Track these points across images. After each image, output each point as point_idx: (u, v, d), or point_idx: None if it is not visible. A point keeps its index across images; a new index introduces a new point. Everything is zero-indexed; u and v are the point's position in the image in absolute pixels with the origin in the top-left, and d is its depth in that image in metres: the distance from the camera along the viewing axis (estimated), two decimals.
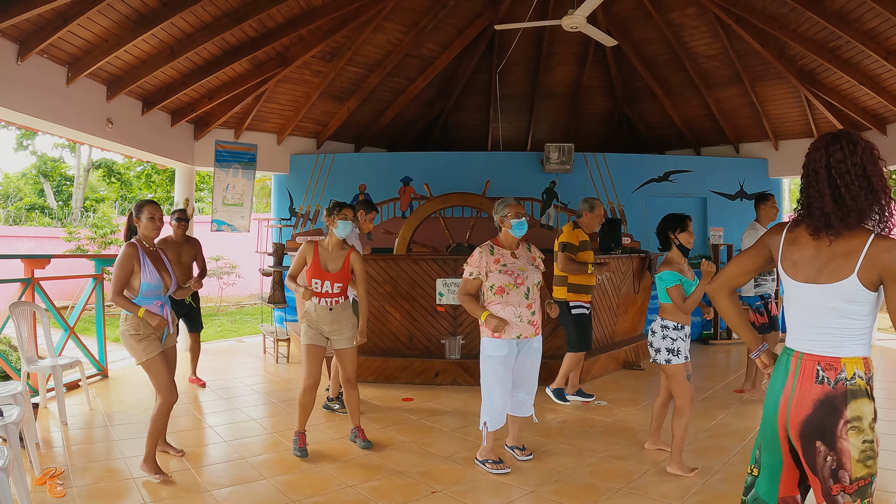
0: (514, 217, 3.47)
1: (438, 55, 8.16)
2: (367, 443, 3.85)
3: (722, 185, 8.54)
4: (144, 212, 3.44)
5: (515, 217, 3.47)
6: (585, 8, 5.19)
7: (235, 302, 13.95)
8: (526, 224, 3.52)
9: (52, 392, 4.59)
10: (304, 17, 6.43)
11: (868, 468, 1.65)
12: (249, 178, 8.18)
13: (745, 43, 7.12)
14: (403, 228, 6.94)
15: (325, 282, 3.71)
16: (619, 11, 7.55)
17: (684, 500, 3.05)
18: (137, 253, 3.32)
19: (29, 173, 21.05)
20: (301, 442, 3.74)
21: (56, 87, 5.30)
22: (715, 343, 8.03)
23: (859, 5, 5.59)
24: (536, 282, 3.52)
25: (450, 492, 3.20)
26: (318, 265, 3.74)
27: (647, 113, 9.33)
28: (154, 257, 3.44)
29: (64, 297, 9.19)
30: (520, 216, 3.49)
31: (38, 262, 5.18)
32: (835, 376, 1.69)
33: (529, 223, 3.65)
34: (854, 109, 7.16)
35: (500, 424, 3.54)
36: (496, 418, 3.51)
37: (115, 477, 3.31)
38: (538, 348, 3.59)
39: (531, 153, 8.82)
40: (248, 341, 8.44)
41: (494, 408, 3.50)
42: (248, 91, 7.30)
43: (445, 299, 5.70)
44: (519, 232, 3.50)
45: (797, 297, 1.79)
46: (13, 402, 3.22)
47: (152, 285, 3.32)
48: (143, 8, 5.17)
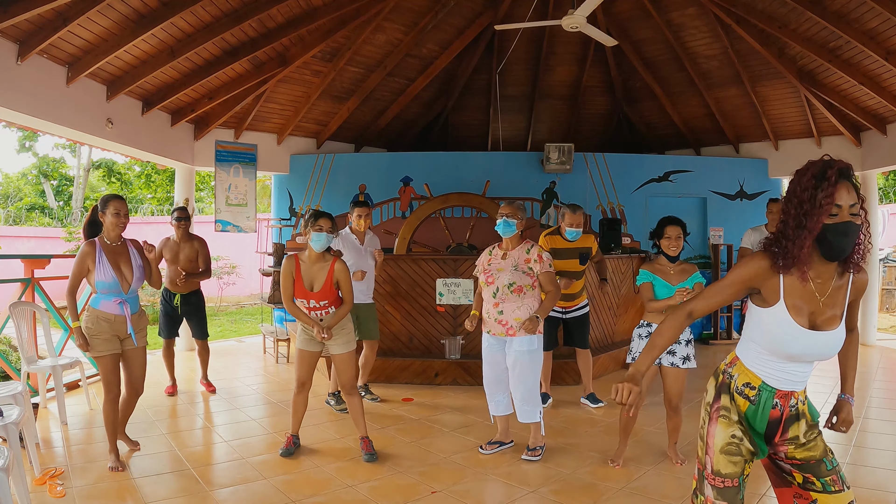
0: (498, 217, 3.67)
1: (438, 55, 8.16)
2: (371, 455, 3.63)
3: (722, 185, 8.54)
4: (110, 207, 3.40)
5: (497, 217, 3.68)
6: (585, 8, 5.19)
7: (235, 302, 13.96)
8: (504, 224, 3.64)
9: (52, 392, 4.59)
10: (304, 17, 6.43)
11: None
12: (251, 178, 8.18)
13: (745, 43, 7.12)
14: (403, 228, 6.94)
15: (310, 300, 3.58)
16: (619, 11, 7.55)
17: (684, 500, 3.05)
18: (94, 251, 3.35)
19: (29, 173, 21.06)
20: (287, 442, 3.74)
21: (56, 87, 5.29)
22: (715, 343, 8.03)
23: (859, 5, 5.59)
24: (507, 283, 3.58)
25: (450, 492, 3.20)
26: (302, 284, 3.55)
27: (647, 113, 9.33)
28: (115, 253, 3.41)
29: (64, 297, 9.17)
30: (503, 216, 3.64)
31: (38, 262, 5.17)
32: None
33: (529, 223, 3.70)
34: (854, 109, 7.16)
35: (497, 412, 3.85)
36: (491, 404, 3.87)
37: (115, 477, 3.31)
38: (519, 350, 3.58)
39: (531, 153, 8.82)
40: (248, 341, 8.45)
41: (488, 394, 3.86)
42: (248, 91, 7.30)
43: (445, 299, 5.70)
44: (501, 231, 3.68)
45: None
46: (13, 402, 3.22)
47: (106, 283, 3.35)
48: (143, 8, 5.17)
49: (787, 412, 1.76)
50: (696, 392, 5.30)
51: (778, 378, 1.76)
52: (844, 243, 1.61)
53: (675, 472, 3.42)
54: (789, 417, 1.76)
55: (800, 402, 1.78)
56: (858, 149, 7.79)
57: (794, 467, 1.79)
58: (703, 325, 8.36)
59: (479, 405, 4.88)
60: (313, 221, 3.55)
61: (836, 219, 1.60)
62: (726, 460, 1.76)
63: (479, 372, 5.51)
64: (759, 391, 1.77)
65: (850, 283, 1.73)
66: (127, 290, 3.42)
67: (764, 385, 1.77)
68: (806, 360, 1.75)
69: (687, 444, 3.84)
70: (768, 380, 1.77)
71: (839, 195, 1.59)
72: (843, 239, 1.61)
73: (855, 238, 1.63)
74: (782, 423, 1.76)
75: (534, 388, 3.66)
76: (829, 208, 1.59)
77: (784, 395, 1.76)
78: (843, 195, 1.60)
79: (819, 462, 1.76)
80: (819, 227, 1.60)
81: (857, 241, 1.64)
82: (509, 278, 3.58)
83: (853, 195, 1.61)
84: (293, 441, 3.76)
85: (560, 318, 4.88)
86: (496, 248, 3.79)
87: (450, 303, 5.72)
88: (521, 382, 3.62)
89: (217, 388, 5.43)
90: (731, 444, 1.77)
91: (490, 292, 3.64)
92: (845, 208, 1.60)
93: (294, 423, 3.78)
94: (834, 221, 1.60)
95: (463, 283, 5.68)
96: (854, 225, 1.61)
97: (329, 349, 3.72)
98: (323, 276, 3.57)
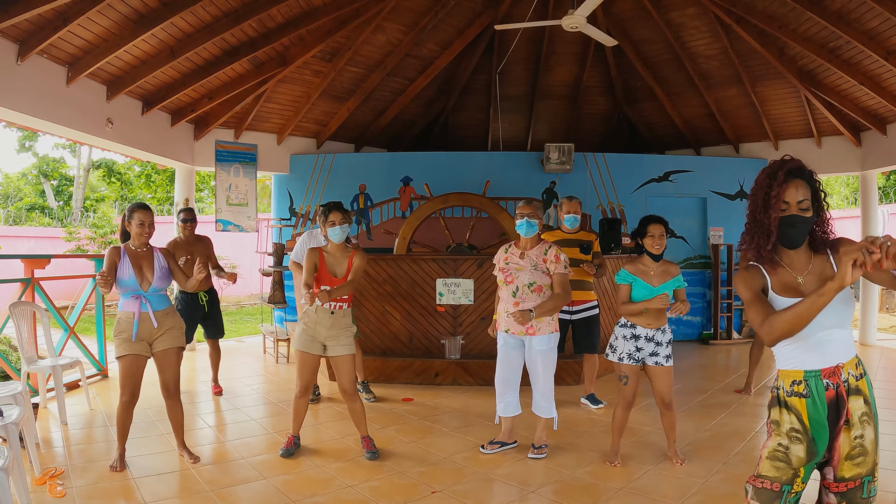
0: (517, 217, 3.67)
1: (438, 55, 8.16)
2: (373, 454, 3.68)
3: (722, 185, 8.54)
4: (135, 218, 3.47)
5: (518, 217, 3.67)
6: (585, 8, 5.19)
7: (235, 302, 13.96)
8: (527, 224, 3.63)
9: (52, 392, 4.59)
10: (304, 17, 6.43)
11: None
12: (251, 178, 8.19)
13: (745, 43, 7.12)
14: (403, 228, 6.94)
15: (333, 287, 3.62)
16: (619, 11, 7.55)
17: (684, 499, 3.05)
18: (118, 253, 3.44)
19: (29, 173, 21.07)
20: (288, 443, 3.74)
21: (56, 87, 5.30)
22: (715, 343, 8.03)
23: (859, 5, 5.59)
24: (528, 282, 3.58)
25: (450, 492, 3.20)
26: (327, 271, 3.67)
27: (646, 113, 9.33)
28: (138, 257, 3.48)
29: (64, 297, 9.19)
30: (524, 216, 3.63)
31: (38, 262, 5.17)
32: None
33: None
34: (854, 109, 7.17)
35: (505, 413, 3.80)
36: (500, 405, 3.82)
37: (115, 477, 3.31)
38: (540, 349, 3.60)
39: (531, 153, 8.82)
40: (248, 341, 8.45)
41: (498, 394, 3.82)
42: (248, 91, 7.30)
43: (445, 299, 5.70)
44: (524, 231, 3.66)
45: None
46: (13, 402, 3.21)
47: (125, 281, 3.41)
48: (143, 8, 5.17)
49: (842, 388, 1.79)
50: (696, 392, 5.31)
51: (814, 357, 1.79)
52: (794, 234, 1.81)
53: (676, 472, 3.42)
54: (846, 393, 1.79)
55: (851, 376, 1.80)
56: (858, 149, 7.79)
57: (835, 497, 1.81)
58: (703, 325, 8.36)
59: (479, 405, 4.88)
60: (325, 218, 3.68)
61: (784, 213, 1.79)
62: (770, 465, 1.84)
63: (479, 372, 5.55)
64: (806, 381, 1.81)
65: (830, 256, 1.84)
66: (147, 289, 3.44)
67: (807, 373, 1.80)
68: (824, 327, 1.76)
69: (686, 445, 3.85)
70: (807, 365, 1.80)
71: (787, 193, 1.78)
72: (792, 230, 1.80)
73: (805, 228, 1.81)
74: (838, 401, 1.79)
75: (551, 384, 3.69)
76: (778, 205, 1.78)
77: (830, 372, 1.78)
78: (791, 192, 1.78)
79: (858, 488, 1.78)
80: (772, 222, 1.79)
81: (810, 230, 1.83)
82: (529, 278, 3.59)
83: (802, 192, 1.79)
84: (294, 441, 3.76)
85: (567, 319, 4.79)
86: (512, 246, 3.77)
87: (450, 303, 5.72)
88: (541, 379, 3.65)
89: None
90: (777, 451, 1.83)
91: (510, 291, 3.63)
92: (793, 204, 1.78)
93: (295, 425, 3.78)
94: (783, 215, 1.79)
95: (463, 283, 5.68)
96: (801, 218, 1.79)
97: (331, 350, 3.70)
98: (345, 265, 3.70)
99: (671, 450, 3.59)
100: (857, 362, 1.83)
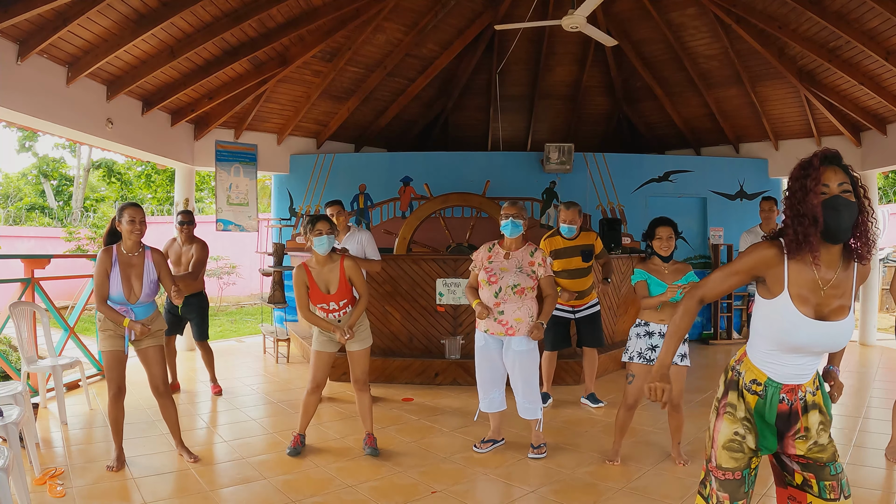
0: (502, 217, 3.66)
1: (438, 55, 8.16)
2: (374, 450, 3.71)
3: (722, 185, 8.54)
4: (125, 215, 3.40)
5: (503, 217, 3.65)
6: (585, 8, 5.19)
7: (235, 302, 13.96)
8: (512, 225, 3.62)
9: (52, 392, 4.59)
10: (304, 17, 6.43)
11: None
12: (251, 178, 8.19)
13: (745, 43, 7.12)
14: (403, 228, 6.94)
15: (329, 303, 3.61)
16: (619, 11, 7.55)
17: (684, 499, 3.05)
18: (109, 259, 3.35)
19: (29, 173, 21.07)
20: (294, 442, 3.74)
21: (56, 87, 5.29)
22: (715, 343, 8.03)
23: (859, 5, 5.59)
24: (512, 284, 3.57)
25: (450, 492, 3.20)
26: (318, 290, 3.59)
27: (646, 113, 9.33)
28: (128, 265, 3.40)
29: (64, 297, 9.19)
30: (509, 217, 3.62)
31: (38, 262, 5.17)
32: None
33: (530, 223, 3.69)
34: (854, 109, 7.16)
35: (490, 409, 3.82)
36: (483, 401, 3.84)
37: (115, 477, 3.31)
38: (518, 350, 3.59)
39: (531, 153, 8.82)
40: (248, 341, 8.46)
41: (481, 392, 3.83)
42: (248, 91, 7.30)
43: (445, 299, 5.70)
44: (509, 232, 3.65)
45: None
46: (13, 402, 3.22)
47: (112, 296, 3.37)
48: (143, 8, 5.17)
49: (797, 404, 1.77)
50: (696, 392, 5.31)
51: (783, 373, 1.77)
52: (839, 219, 1.64)
53: (676, 472, 3.42)
54: (801, 409, 1.78)
55: (808, 392, 1.79)
56: (858, 149, 7.78)
57: (799, 466, 1.80)
58: (703, 324, 8.36)
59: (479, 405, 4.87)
60: (311, 227, 3.56)
61: (825, 197, 1.66)
62: (727, 455, 1.81)
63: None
64: (765, 387, 1.79)
65: (855, 272, 1.74)
66: (134, 303, 3.42)
67: (769, 381, 1.79)
68: (813, 352, 1.75)
69: (686, 444, 3.85)
70: (773, 375, 1.78)
71: (825, 177, 1.67)
72: (836, 214, 1.64)
73: (850, 214, 1.66)
74: (790, 415, 1.78)
75: (534, 385, 3.69)
76: (817, 189, 1.66)
77: (790, 389, 1.77)
78: (830, 176, 1.67)
79: (824, 466, 1.76)
80: (813, 209, 1.65)
81: (856, 222, 1.68)
82: (514, 280, 3.58)
83: (841, 176, 1.67)
84: (300, 440, 3.76)
85: (571, 317, 4.88)
86: (496, 245, 3.75)
87: (450, 303, 5.72)
88: (523, 380, 3.64)
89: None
90: (734, 441, 1.81)
91: (492, 292, 3.61)
92: (833, 187, 1.66)
93: (303, 423, 3.77)
94: (825, 199, 1.66)
95: (463, 283, 5.68)
96: (844, 199, 1.65)
97: (347, 346, 3.71)
98: (336, 277, 3.60)
99: (675, 450, 3.59)
100: (815, 377, 1.83)
